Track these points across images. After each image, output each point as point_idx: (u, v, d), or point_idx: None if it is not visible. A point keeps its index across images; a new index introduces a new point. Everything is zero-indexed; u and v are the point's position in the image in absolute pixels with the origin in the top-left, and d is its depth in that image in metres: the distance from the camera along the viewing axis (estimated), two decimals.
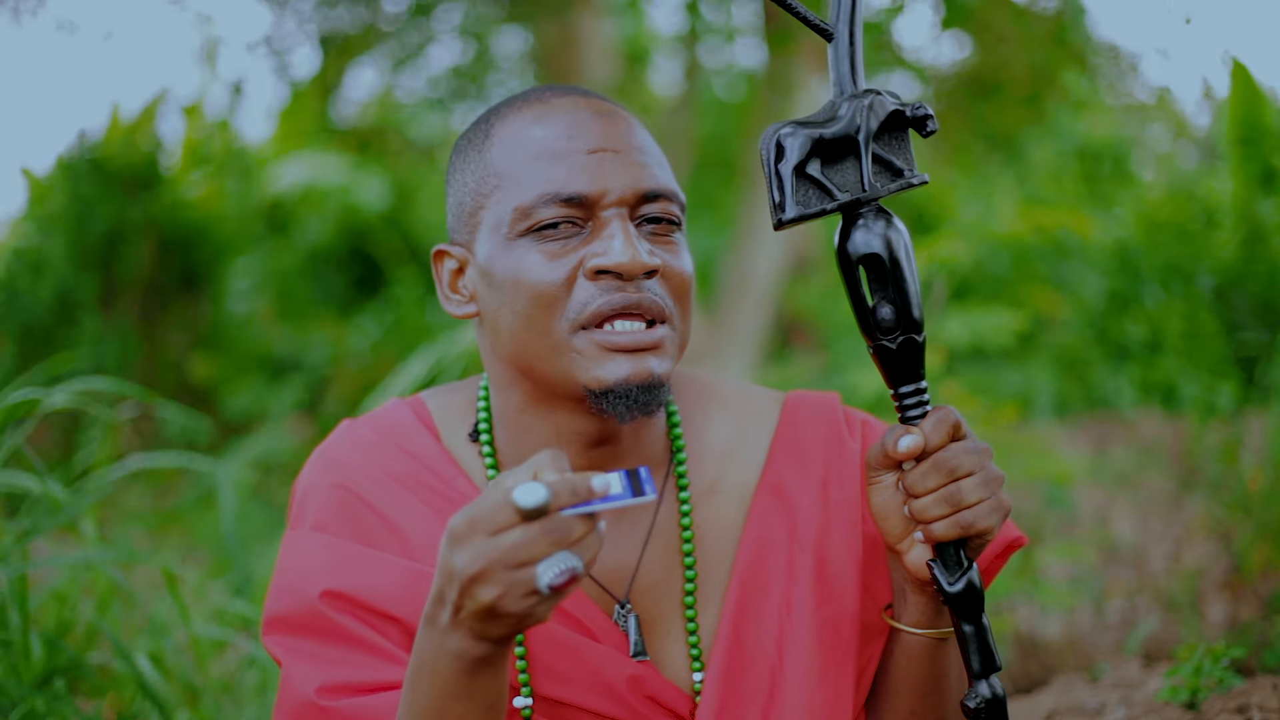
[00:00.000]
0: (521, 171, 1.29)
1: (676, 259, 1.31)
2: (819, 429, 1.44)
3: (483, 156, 1.33)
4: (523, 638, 1.31)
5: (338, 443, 1.41)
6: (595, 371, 1.26)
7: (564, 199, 1.26)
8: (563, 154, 1.28)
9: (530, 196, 1.27)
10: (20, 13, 5.76)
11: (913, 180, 1.26)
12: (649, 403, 1.26)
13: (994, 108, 6.24)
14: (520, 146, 1.30)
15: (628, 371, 1.25)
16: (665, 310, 1.28)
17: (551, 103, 1.33)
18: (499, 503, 1.06)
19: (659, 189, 1.30)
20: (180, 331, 6.61)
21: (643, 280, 1.27)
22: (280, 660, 1.31)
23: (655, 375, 1.26)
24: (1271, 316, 5.19)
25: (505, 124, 1.33)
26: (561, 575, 1.05)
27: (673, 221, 1.31)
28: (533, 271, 1.27)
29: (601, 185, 1.27)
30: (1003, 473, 1.27)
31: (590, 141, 1.29)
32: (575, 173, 1.27)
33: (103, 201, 6.46)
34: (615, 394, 1.25)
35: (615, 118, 1.32)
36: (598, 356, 1.26)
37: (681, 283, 1.30)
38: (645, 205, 1.29)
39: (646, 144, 1.33)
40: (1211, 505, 3.26)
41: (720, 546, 1.40)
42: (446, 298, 1.37)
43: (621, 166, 1.28)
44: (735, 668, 1.35)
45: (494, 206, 1.30)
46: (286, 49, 6.26)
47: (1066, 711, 1.93)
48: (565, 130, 1.29)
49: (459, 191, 1.35)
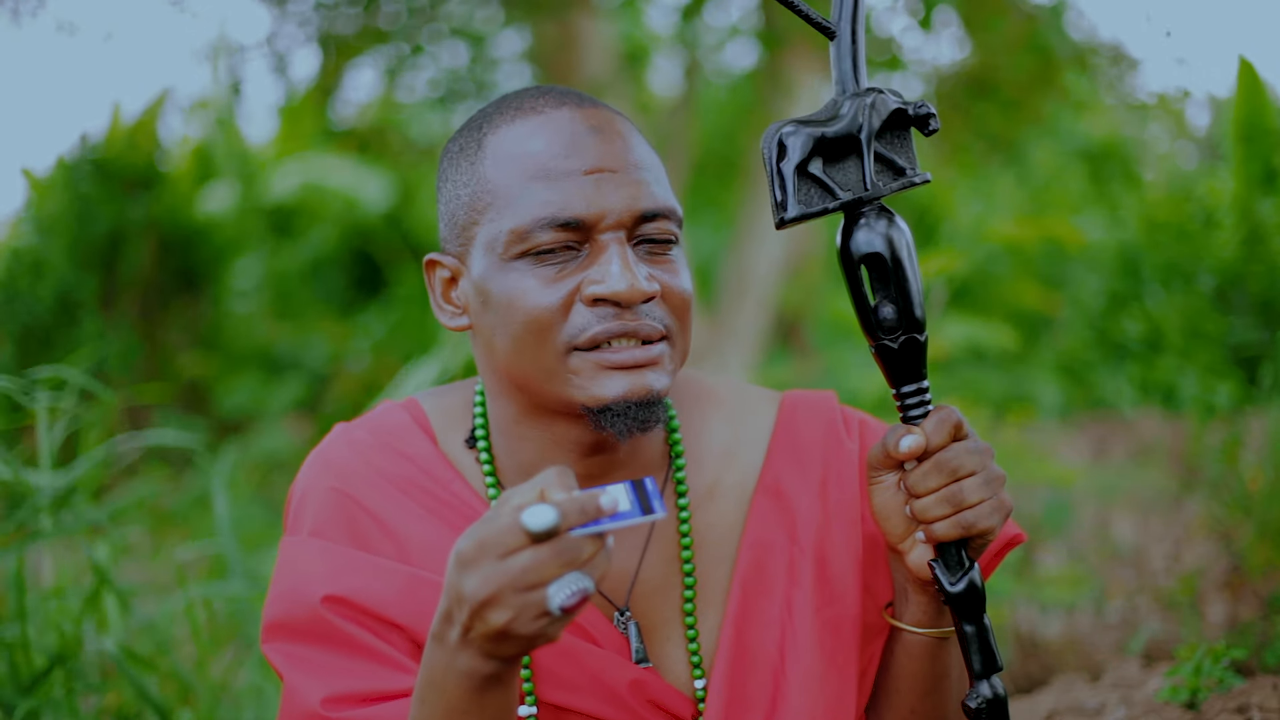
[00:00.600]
0: (516, 191, 1.26)
1: (675, 278, 1.28)
2: (817, 429, 1.43)
3: (475, 168, 1.30)
4: None
5: (333, 446, 1.39)
6: (592, 390, 1.24)
7: (561, 224, 1.24)
8: (559, 175, 1.25)
9: (526, 220, 1.25)
10: (20, 14, 5.75)
11: (915, 179, 1.26)
12: (647, 419, 1.25)
13: (993, 107, 6.23)
14: (514, 162, 1.27)
15: (625, 388, 1.24)
16: (664, 330, 1.26)
17: (546, 113, 1.29)
18: (507, 525, 1.05)
19: (657, 208, 1.27)
20: (180, 331, 6.61)
21: (640, 306, 1.25)
22: (281, 671, 1.29)
23: (653, 391, 1.25)
24: (1271, 316, 5.19)
25: (498, 135, 1.30)
26: (573, 596, 1.05)
27: (671, 240, 1.29)
28: (528, 296, 1.25)
29: (599, 208, 1.25)
30: (1004, 472, 1.26)
31: (587, 161, 1.26)
32: (572, 196, 1.24)
33: (103, 202, 6.46)
34: (613, 411, 1.24)
35: (611, 131, 1.29)
36: (594, 375, 1.24)
37: (681, 302, 1.29)
38: (643, 226, 1.27)
39: (643, 157, 1.30)
40: (1211, 505, 3.26)
41: (720, 550, 1.39)
42: (440, 308, 1.35)
43: (618, 187, 1.26)
44: (738, 672, 1.35)
45: (487, 224, 1.28)
46: (287, 50, 6.26)
47: (1066, 711, 1.93)
48: (562, 148, 1.26)
49: (451, 201, 1.33)
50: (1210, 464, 3.35)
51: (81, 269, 6.37)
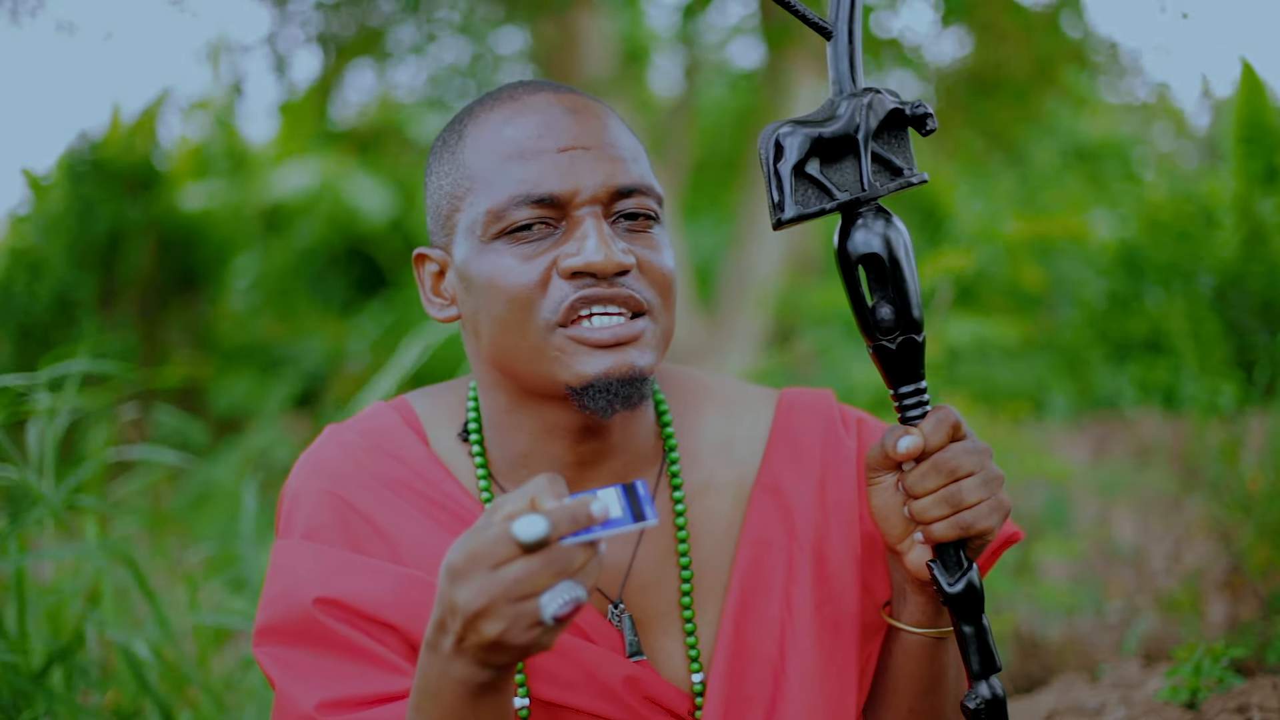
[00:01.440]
0: (493, 173, 1.27)
1: (654, 254, 1.29)
2: (815, 427, 1.43)
3: (456, 158, 1.31)
4: None
5: (324, 448, 1.39)
6: (576, 368, 1.24)
7: (535, 200, 1.25)
8: (533, 153, 1.26)
9: (502, 198, 1.25)
10: (19, 14, 5.76)
11: (912, 179, 1.26)
12: (630, 396, 1.25)
13: (995, 105, 6.24)
14: (492, 147, 1.28)
15: (608, 365, 1.24)
16: (644, 303, 1.26)
17: (523, 100, 1.31)
18: (498, 536, 1.05)
19: (633, 184, 1.27)
20: (179, 331, 6.62)
21: (618, 278, 1.25)
22: (273, 677, 1.28)
23: (636, 368, 1.25)
24: (1272, 316, 5.19)
25: (477, 124, 1.31)
26: (566, 605, 1.04)
27: (650, 216, 1.29)
28: (508, 274, 1.25)
29: (573, 184, 1.25)
30: (1002, 472, 1.26)
31: (561, 139, 1.27)
32: (546, 173, 1.25)
33: (103, 202, 6.46)
34: (596, 388, 1.24)
35: (587, 113, 1.30)
36: (576, 352, 1.24)
37: (661, 277, 1.28)
38: (620, 201, 1.27)
39: (620, 138, 1.30)
40: (1211, 505, 3.26)
41: (716, 545, 1.39)
42: (429, 301, 1.36)
43: (593, 163, 1.26)
44: (738, 668, 1.35)
45: (467, 209, 1.29)
46: (287, 50, 6.26)
47: (1066, 711, 1.93)
48: (536, 129, 1.27)
49: (435, 194, 1.34)
50: (1210, 464, 3.35)
51: (81, 269, 6.38)
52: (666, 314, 1.30)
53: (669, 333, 1.31)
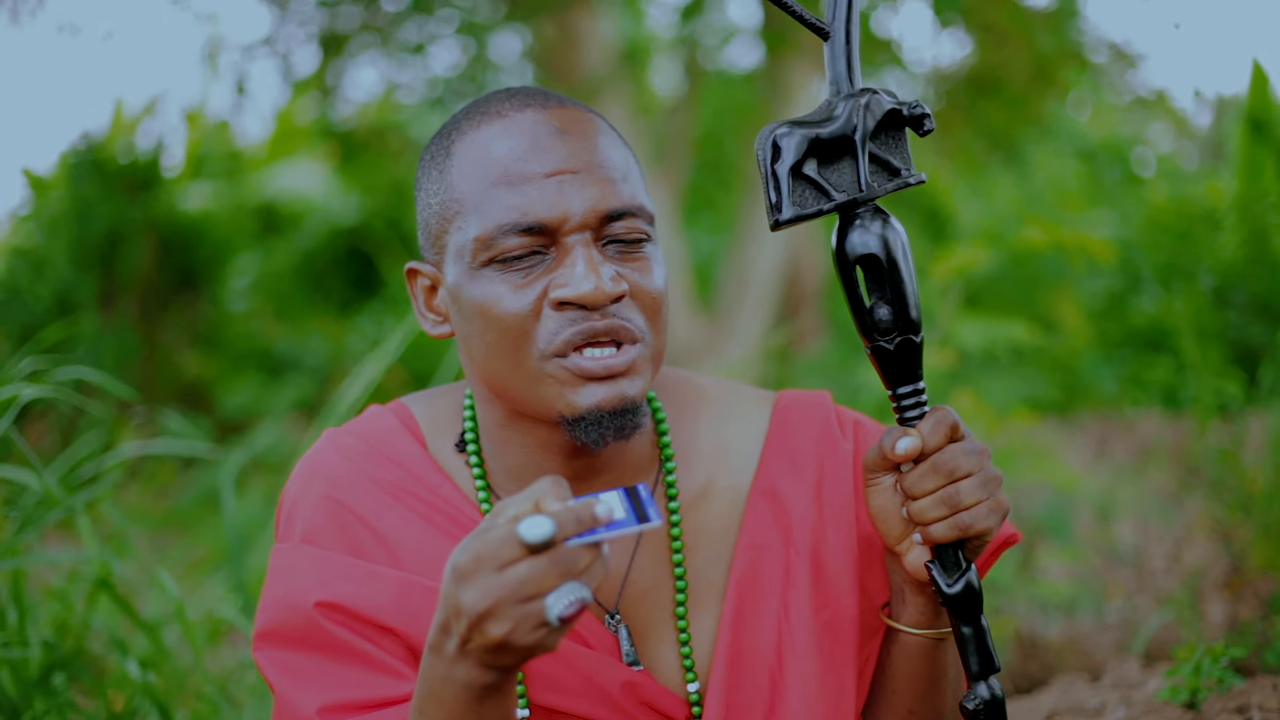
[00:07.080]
0: (481, 198, 1.25)
1: (645, 277, 1.27)
2: (812, 430, 1.43)
3: (444, 177, 1.30)
4: None
5: (322, 452, 1.38)
6: (569, 398, 1.24)
7: (524, 229, 1.23)
8: (520, 179, 1.25)
9: (490, 227, 1.24)
10: (19, 14, 5.75)
11: (910, 180, 1.26)
12: (623, 427, 1.25)
13: (995, 106, 6.23)
14: (479, 169, 1.27)
15: (600, 397, 1.23)
16: (635, 331, 1.25)
17: (510, 117, 1.28)
18: (503, 537, 1.05)
19: (622, 207, 1.26)
20: (179, 331, 6.62)
21: (609, 307, 1.24)
22: (273, 681, 1.28)
23: (629, 399, 1.24)
24: (1272, 316, 5.19)
25: (465, 141, 1.29)
26: (571, 606, 1.05)
27: (640, 239, 1.28)
28: (499, 303, 1.24)
29: (562, 210, 1.24)
30: (1000, 473, 1.26)
31: (549, 163, 1.25)
32: (534, 200, 1.24)
33: (103, 201, 6.47)
34: (588, 420, 1.24)
35: (576, 131, 1.28)
36: (570, 383, 1.24)
37: (651, 301, 1.27)
38: (610, 225, 1.26)
39: (610, 155, 1.28)
40: (1211, 505, 3.26)
41: (713, 551, 1.38)
42: (423, 316, 1.35)
43: (582, 188, 1.25)
44: (735, 673, 1.35)
45: (456, 233, 1.27)
46: (288, 50, 6.26)
47: (1066, 711, 1.93)
48: (523, 152, 1.26)
49: (425, 211, 1.33)
50: (1210, 464, 3.35)
51: (81, 269, 6.38)
52: (656, 337, 1.29)
53: (660, 353, 1.30)
